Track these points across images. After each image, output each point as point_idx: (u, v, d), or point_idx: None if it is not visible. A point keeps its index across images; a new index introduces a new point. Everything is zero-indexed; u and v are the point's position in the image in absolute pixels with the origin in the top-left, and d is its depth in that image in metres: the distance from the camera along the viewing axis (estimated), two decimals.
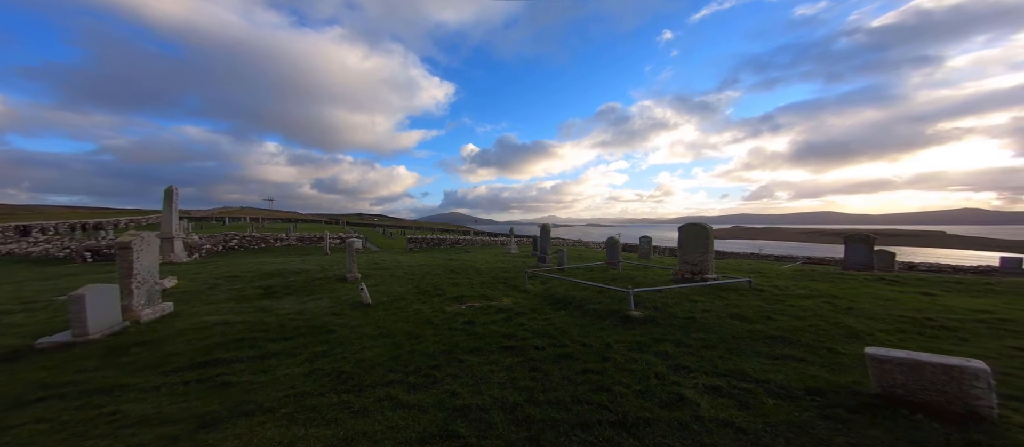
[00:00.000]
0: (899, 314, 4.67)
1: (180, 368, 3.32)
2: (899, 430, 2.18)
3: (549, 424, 2.37)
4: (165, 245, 12.43)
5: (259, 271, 9.29)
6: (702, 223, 7.93)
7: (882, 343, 3.68)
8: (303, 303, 6.12)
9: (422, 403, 2.67)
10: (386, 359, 3.57)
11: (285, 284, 7.73)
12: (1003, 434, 2.09)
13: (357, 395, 2.78)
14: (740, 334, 4.10)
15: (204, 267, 10.61)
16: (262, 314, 5.22)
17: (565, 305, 6.40)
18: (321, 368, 3.29)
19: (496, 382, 3.03)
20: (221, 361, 3.43)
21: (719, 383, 2.89)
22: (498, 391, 2.86)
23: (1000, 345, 3.52)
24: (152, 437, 2.25)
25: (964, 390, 2.21)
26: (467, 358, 3.64)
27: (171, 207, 12.88)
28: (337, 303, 6.12)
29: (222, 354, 3.60)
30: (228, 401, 2.68)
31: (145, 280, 4.99)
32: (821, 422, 2.28)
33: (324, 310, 5.56)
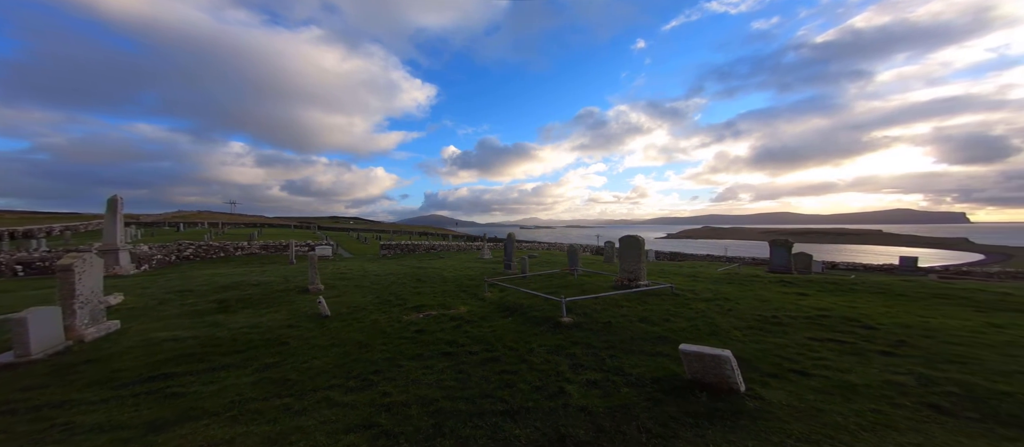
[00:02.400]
0: (761, 314, 5.75)
1: (128, 382, 3.60)
2: (685, 403, 3.03)
3: (454, 414, 2.99)
4: (109, 257, 11.82)
5: (214, 284, 9.21)
6: (636, 235, 8.95)
7: (731, 339, 4.65)
8: (259, 317, 6.35)
9: (355, 402, 3.20)
10: (332, 367, 4.03)
11: (242, 297, 7.83)
12: (741, 401, 3.02)
13: (298, 398, 3.25)
14: (639, 335, 4.94)
15: (154, 280, 10.27)
16: (214, 329, 5.44)
17: (513, 312, 7.08)
18: (269, 377, 3.71)
19: (425, 383, 3.61)
20: (170, 375, 3.74)
21: (598, 377, 3.65)
22: (423, 390, 3.44)
23: (802, 336, 4.59)
24: (105, 440, 2.61)
25: (724, 372, 3.12)
26: (407, 364, 4.19)
27: (115, 217, 12.27)
28: (294, 316, 6.40)
29: (171, 369, 3.90)
30: (176, 408, 3.06)
31: (88, 300, 5.07)
32: (643, 402, 3.08)
33: (280, 323, 5.85)
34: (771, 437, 2.57)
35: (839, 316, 5.29)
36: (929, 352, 3.96)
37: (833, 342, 4.34)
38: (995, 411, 2.82)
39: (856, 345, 4.22)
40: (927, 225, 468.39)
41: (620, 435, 2.67)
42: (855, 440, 2.51)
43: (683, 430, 2.70)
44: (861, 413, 2.83)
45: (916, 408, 2.88)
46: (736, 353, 4.13)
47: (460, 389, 3.46)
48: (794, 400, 3.05)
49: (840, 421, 2.73)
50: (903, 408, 2.89)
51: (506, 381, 3.66)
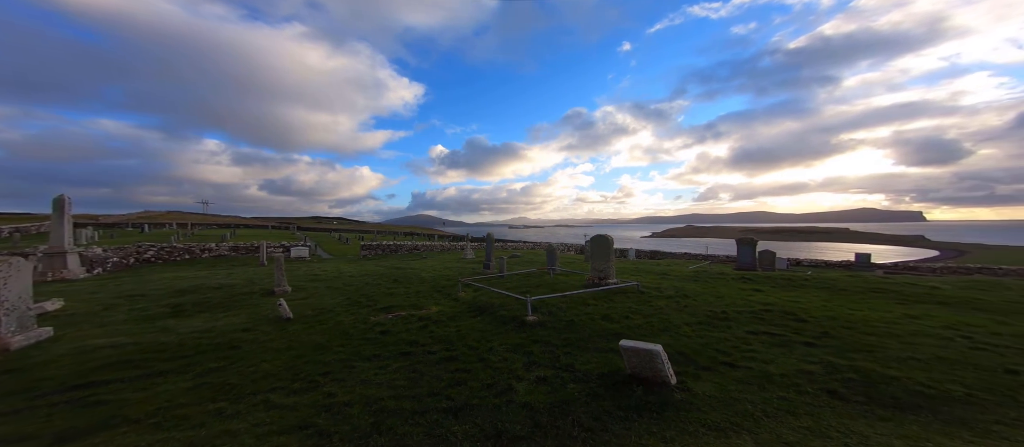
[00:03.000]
0: (713, 310, 6.02)
1: (49, 392, 3.37)
2: (621, 397, 3.16)
3: (396, 412, 2.96)
4: (56, 261, 11.03)
5: (171, 288, 8.75)
6: (605, 235, 9.14)
7: (681, 334, 4.83)
8: (215, 321, 6.08)
9: (296, 404, 3.12)
10: (281, 370, 3.91)
11: (199, 301, 7.48)
12: (670, 393, 3.20)
13: (234, 403, 3.14)
14: (598, 333, 5.06)
15: (104, 285, 9.65)
16: (161, 334, 5.17)
17: (482, 312, 7.09)
18: (209, 382, 3.56)
19: (374, 383, 3.56)
20: (98, 383, 3.53)
21: (549, 374, 3.71)
22: (371, 390, 3.39)
23: (742, 330, 4.84)
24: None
25: (656, 366, 3.26)
26: (361, 365, 4.11)
27: (62, 218, 11.47)
28: (254, 319, 6.18)
29: (101, 377, 3.68)
30: (95, 418, 2.89)
31: (15, 307, 4.72)
32: (584, 397, 3.17)
33: (235, 327, 5.63)
34: (688, 426, 2.70)
35: (780, 310, 5.59)
36: (845, 342, 4.25)
37: (767, 335, 4.58)
38: (880, 394, 3.06)
39: (785, 337, 4.47)
40: (888, 223, 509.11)
41: (555, 430, 2.72)
42: (757, 426, 2.67)
43: (613, 424, 2.78)
44: (770, 401, 3.01)
45: (816, 394, 3.09)
46: (680, 348, 4.32)
47: (409, 388, 3.44)
48: (717, 391, 3.21)
49: (750, 409, 2.90)
50: (806, 395, 3.09)
51: (458, 379, 3.66)
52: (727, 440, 2.52)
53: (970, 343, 4.08)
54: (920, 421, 2.68)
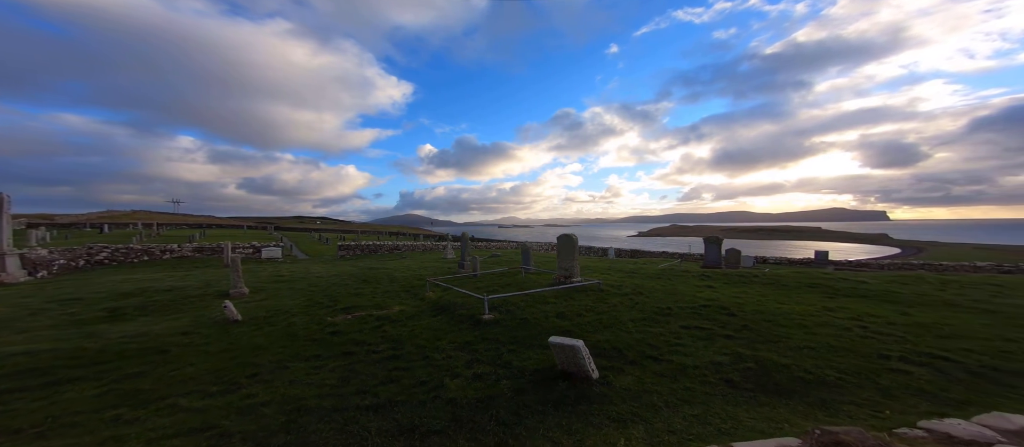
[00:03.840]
0: (660, 306, 6.24)
1: None
2: (545, 392, 3.26)
3: (314, 411, 2.90)
4: None
5: (115, 291, 8.28)
6: (570, 234, 9.27)
7: (624, 329, 4.98)
8: (153, 324, 5.81)
9: (207, 407, 3.01)
10: (205, 373, 3.76)
11: (143, 304, 7.11)
12: (590, 387, 3.35)
13: (137, 408, 3.00)
14: (549, 330, 5.13)
15: (42, 289, 9.03)
16: (86, 340, 4.90)
17: (443, 311, 7.06)
18: (120, 388, 3.39)
19: (303, 383, 3.48)
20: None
21: (487, 371, 3.73)
22: (296, 390, 3.31)
23: (678, 325, 5.04)
24: None
25: (579, 361, 3.35)
26: (295, 365, 4.00)
27: (0, 217, 10.64)
28: (197, 322, 5.92)
29: (1, 386, 3.41)
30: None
31: None
32: (510, 393, 3.22)
33: (173, 331, 5.39)
34: (594, 418, 2.79)
35: (718, 306, 5.82)
36: (759, 334, 4.47)
37: (698, 329, 4.77)
38: (768, 382, 3.26)
39: (712, 331, 4.67)
40: (856, 222, 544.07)
41: (471, 424, 2.74)
42: (655, 416, 2.79)
43: (529, 417, 2.83)
44: (676, 392, 3.15)
45: (716, 384, 3.25)
46: (616, 343, 4.43)
47: (338, 387, 3.38)
48: (635, 384, 3.32)
49: (655, 400, 3.03)
50: (708, 385, 3.25)
51: (393, 377, 3.63)
52: (624, 430, 2.61)
53: (864, 332, 4.37)
54: (789, 405, 2.86)
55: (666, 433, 2.58)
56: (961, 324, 4.52)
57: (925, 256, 48.87)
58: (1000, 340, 4.01)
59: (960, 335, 4.13)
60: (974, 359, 3.43)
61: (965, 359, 3.42)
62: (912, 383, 3.06)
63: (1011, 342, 3.92)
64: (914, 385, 3.03)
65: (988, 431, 1.96)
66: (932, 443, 1.92)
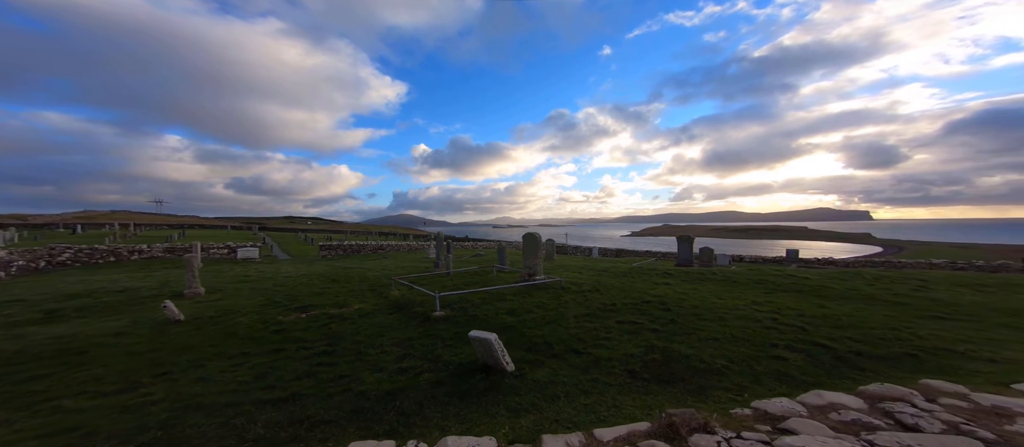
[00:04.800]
0: (607, 303, 6.37)
1: None
2: (459, 384, 3.38)
3: (204, 407, 2.91)
4: None
5: (63, 292, 8.06)
6: (534, 233, 9.35)
7: (564, 325, 5.07)
8: (87, 326, 5.68)
9: (91, 407, 3.00)
10: (111, 373, 3.71)
11: (86, 306, 6.94)
12: (502, 379, 3.43)
13: (17, 411, 2.98)
14: (493, 326, 5.21)
15: None
16: (8, 342, 4.87)
17: (400, 309, 7.06)
18: (13, 391, 3.39)
19: (212, 380, 3.46)
20: None
21: (415, 365, 3.82)
22: (199, 387, 3.29)
23: (614, 320, 5.15)
24: None
25: (493, 354, 3.40)
26: (215, 363, 3.97)
27: None
28: (135, 323, 5.81)
29: None
30: None
31: None
32: (426, 386, 3.29)
33: (105, 332, 5.28)
34: (493, 409, 2.85)
35: (659, 302, 5.95)
36: (680, 327, 4.60)
37: (630, 323, 4.87)
38: (664, 372, 3.37)
39: (641, 325, 4.78)
40: (841, 222, 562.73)
41: (369, 414, 2.76)
42: (550, 406, 2.86)
43: (432, 408, 2.87)
44: (580, 383, 3.23)
45: (619, 374, 3.34)
46: (549, 337, 4.51)
47: (249, 382, 3.37)
48: (548, 376, 3.39)
49: (558, 391, 3.10)
50: (612, 375, 3.33)
51: (313, 372, 3.63)
52: (514, 419, 2.67)
53: (772, 323, 4.52)
54: (671, 392, 2.97)
55: (552, 421, 2.65)
56: (865, 315, 4.71)
57: (903, 254, 50.51)
58: (885, 329, 4.21)
59: (854, 325, 4.31)
60: (848, 346, 3.61)
61: (840, 346, 3.60)
62: (782, 369, 3.20)
63: (893, 330, 4.13)
64: (783, 370, 3.16)
65: (799, 406, 2.08)
66: (750, 419, 2.02)
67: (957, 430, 1.70)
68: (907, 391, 2.09)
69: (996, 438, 1.63)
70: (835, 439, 1.78)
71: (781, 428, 2.11)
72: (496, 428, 2.56)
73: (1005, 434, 1.66)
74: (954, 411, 1.85)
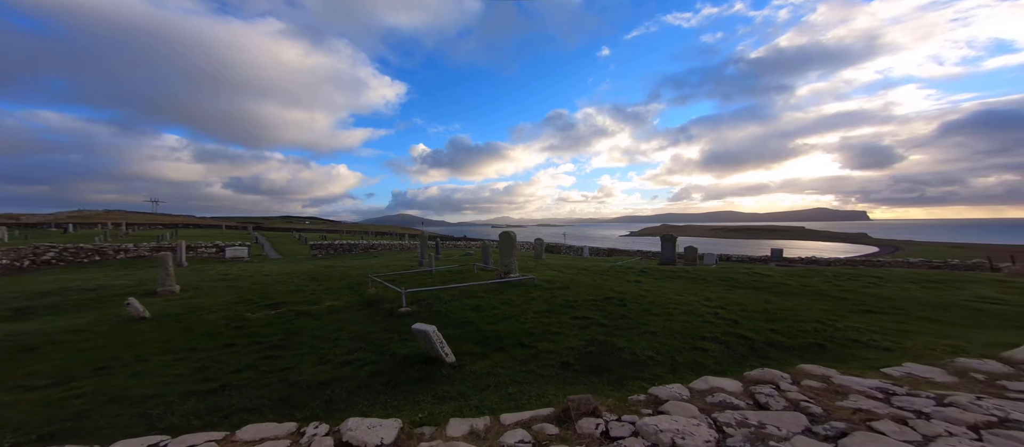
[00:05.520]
0: (569, 299, 6.47)
1: None
2: (396, 375, 3.50)
3: (127, 399, 3.02)
4: None
5: (36, 290, 8.13)
6: (510, 231, 9.45)
7: (523, 321, 5.19)
8: (51, 323, 5.78)
9: (13, 401, 3.05)
10: (52, 369, 3.83)
11: (56, 304, 7.02)
12: (439, 370, 3.53)
13: None
14: (454, 322, 5.33)
15: None
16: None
17: (370, 306, 7.16)
18: None
19: (148, 373, 3.58)
20: None
21: (361, 357, 3.90)
22: (131, 381, 3.41)
23: (569, 317, 5.24)
24: None
25: (432, 346, 3.51)
26: (159, 357, 4.08)
27: None
28: (98, 320, 5.89)
29: None
30: None
31: None
32: (364, 376, 3.41)
33: (65, 328, 5.36)
34: (421, 397, 2.95)
35: (620, 298, 6.07)
36: (628, 321, 4.71)
37: (583, 318, 4.99)
38: (596, 364, 3.49)
39: (593, 320, 4.90)
40: (838, 222, 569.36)
41: (296, 402, 2.87)
42: (477, 395, 2.97)
43: (362, 396, 2.98)
44: (516, 374, 3.37)
45: (554, 367, 3.45)
46: (501, 331, 4.61)
47: (185, 376, 3.47)
48: (487, 368, 3.49)
49: (491, 381, 3.21)
50: (548, 367, 3.44)
51: (255, 365, 3.74)
52: (437, 406, 2.78)
53: (714, 317, 4.64)
54: (594, 382, 3.09)
55: (472, 408, 2.75)
56: (802, 310, 4.84)
57: (898, 254, 50.89)
58: (813, 322, 4.34)
59: (786, 318, 4.43)
60: (767, 337, 3.73)
61: (760, 338, 3.72)
62: (699, 359, 3.31)
63: (819, 323, 4.27)
64: (699, 361, 3.28)
65: (685, 391, 2.20)
66: (640, 404, 2.13)
67: (796, 407, 1.82)
68: (780, 375, 2.20)
69: (822, 412, 1.75)
70: (688, 417, 1.89)
71: (659, 410, 2.23)
72: (413, 413, 2.65)
73: (831, 407, 1.78)
74: (806, 391, 1.97)
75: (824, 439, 1.58)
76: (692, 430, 1.89)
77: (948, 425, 1.57)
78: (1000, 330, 3.97)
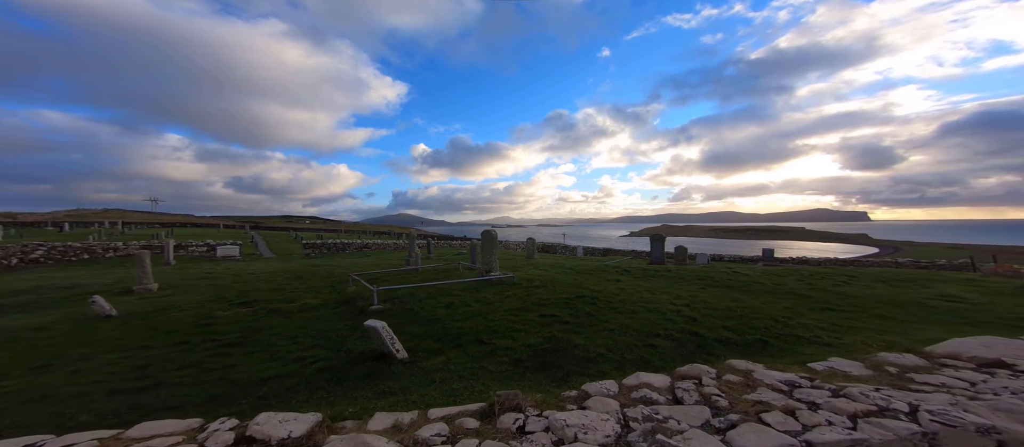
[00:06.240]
0: (541, 297, 6.43)
1: None
2: (347, 370, 3.46)
3: (51, 397, 3.08)
4: None
5: (11, 288, 8.19)
6: (491, 230, 9.43)
7: (492, 318, 5.15)
8: (17, 321, 5.82)
9: None
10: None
11: (28, 301, 7.03)
12: (388, 366, 3.51)
13: None
14: (422, 319, 5.28)
15: None
16: None
17: (346, 304, 7.14)
18: None
19: (85, 372, 3.61)
20: None
21: (314, 354, 3.86)
22: (64, 378, 3.36)
23: (536, 314, 5.20)
24: None
25: (384, 342, 3.48)
26: (105, 356, 4.08)
27: None
28: (64, 318, 5.89)
29: None
30: None
31: None
32: (314, 371, 3.39)
33: (29, 326, 5.37)
34: (360, 391, 2.93)
35: (592, 297, 6.05)
36: (595, 319, 4.68)
37: (550, 317, 4.97)
38: (548, 361, 3.47)
39: (558, 317, 4.89)
40: (838, 222, 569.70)
41: (227, 399, 2.88)
42: (421, 389, 2.97)
43: (300, 392, 2.97)
44: (466, 371, 3.36)
45: (506, 363, 3.42)
46: (469, 329, 4.60)
47: (121, 374, 3.48)
48: (440, 364, 3.48)
49: (438, 377, 3.17)
50: (500, 364, 3.42)
51: (200, 363, 3.72)
52: (375, 401, 2.76)
53: (677, 315, 4.62)
54: (539, 378, 3.06)
55: (410, 403, 2.73)
56: (765, 307, 4.82)
57: (898, 254, 50.84)
58: (769, 319, 4.30)
59: (745, 316, 4.40)
60: (718, 334, 3.71)
61: (711, 334, 3.70)
62: (647, 356, 3.29)
63: (774, 320, 4.24)
64: (646, 357, 3.25)
65: (615, 386, 2.18)
66: (569, 399, 2.11)
67: (707, 401, 1.80)
68: (707, 370, 2.18)
69: (728, 404, 1.73)
70: (601, 413, 1.87)
71: (582, 406, 2.21)
72: (345, 408, 2.63)
73: (737, 401, 1.76)
74: (723, 385, 1.95)
75: (716, 431, 1.56)
76: (597, 425, 1.88)
77: (830, 415, 1.56)
78: (946, 326, 3.97)
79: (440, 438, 2.08)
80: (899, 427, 1.42)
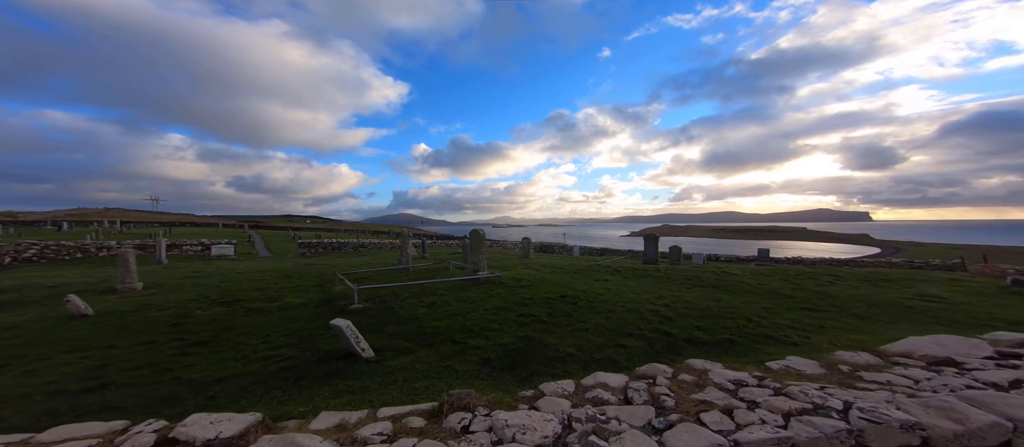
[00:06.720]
0: (524, 297, 6.33)
1: None
2: (310, 369, 3.34)
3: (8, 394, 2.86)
4: None
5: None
6: (479, 229, 9.34)
7: (472, 318, 5.07)
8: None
9: None
10: None
11: (7, 300, 7.07)
12: (352, 365, 3.41)
13: None
14: (401, 318, 5.20)
15: None
16: None
17: (329, 303, 7.06)
18: None
19: (39, 372, 3.57)
20: None
21: (283, 353, 3.80)
22: (19, 378, 3.37)
23: (516, 314, 5.11)
24: None
25: (349, 341, 3.40)
26: (64, 355, 4.10)
27: None
28: (38, 317, 5.85)
29: None
30: None
31: None
32: (275, 370, 3.26)
33: (1, 326, 5.24)
34: (318, 390, 2.86)
35: (574, 297, 5.96)
36: (572, 319, 4.60)
37: (528, 316, 4.90)
38: (517, 361, 3.38)
39: (536, 317, 4.81)
40: (840, 223, 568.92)
41: (174, 400, 2.79)
42: (381, 388, 2.93)
43: (256, 390, 2.95)
44: (432, 370, 3.29)
45: (475, 363, 3.35)
46: (445, 328, 4.52)
47: (74, 375, 3.42)
48: (407, 364, 3.42)
49: (402, 377, 3.11)
50: (469, 364, 3.35)
51: (159, 363, 3.67)
52: (331, 399, 2.70)
53: (655, 315, 4.53)
54: (504, 378, 2.99)
55: (365, 402, 2.64)
56: (744, 307, 4.73)
57: (900, 254, 50.64)
58: (744, 319, 4.23)
59: (721, 316, 4.32)
60: (690, 334, 3.63)
61: (682, 334, 3.62)
62: (614, 356, 3.20)
63: (749, 320, 4.16)
64: (614, 357, 3.17)
65: (571, 386, 2.11)
66: (522, 400, 2.03)
67: (655, 401, 1.71)
68: (663, 369, 2.10)
69: (674, 404, 1.65)
70: (546, 413, 1.79)
71: (533, 406, 2.13)
72: (297, 407, 2.55)
73: (684, 400, 1.68)
74: (676, 385, 1.87)
75: (654, 432, 1.47)
76: (538, 426, 1.80)
77: (766, 413, 1.47)
78: (918, 326, 3.89)
79: (380, 437, 2.00)
80: (827, 425, 1.36)
